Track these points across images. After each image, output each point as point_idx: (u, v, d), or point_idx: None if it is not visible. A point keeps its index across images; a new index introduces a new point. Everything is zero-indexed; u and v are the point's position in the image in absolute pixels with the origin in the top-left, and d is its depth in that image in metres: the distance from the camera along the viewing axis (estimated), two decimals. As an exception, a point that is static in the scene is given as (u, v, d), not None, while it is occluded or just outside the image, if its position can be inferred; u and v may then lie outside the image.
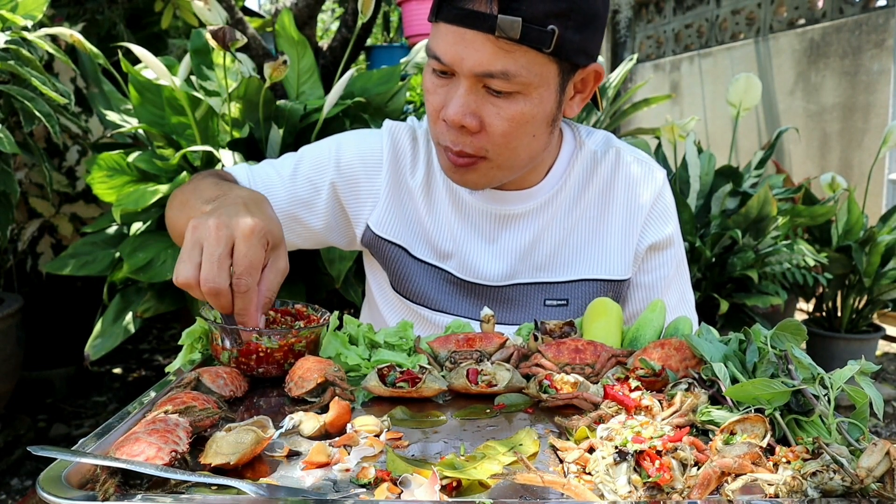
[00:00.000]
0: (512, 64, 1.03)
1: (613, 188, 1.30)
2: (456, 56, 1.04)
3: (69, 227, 3.22)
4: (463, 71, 1.05)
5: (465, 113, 1.07)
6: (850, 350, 3.53)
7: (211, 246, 0.88)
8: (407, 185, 1.30)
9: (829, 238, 3.55)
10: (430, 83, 1.12)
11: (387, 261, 1.32)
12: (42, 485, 0.62)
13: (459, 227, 1.29)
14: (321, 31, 7.67)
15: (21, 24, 2.20)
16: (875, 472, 0.62)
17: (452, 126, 1.09)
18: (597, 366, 0.97)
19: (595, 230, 1.30)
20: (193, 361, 1.04)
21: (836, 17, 5.06)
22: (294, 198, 1.28)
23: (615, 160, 1.31)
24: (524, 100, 1.07)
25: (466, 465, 0.67)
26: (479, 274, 1.29)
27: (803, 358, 0.84)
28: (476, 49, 1.03)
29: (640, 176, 1.31)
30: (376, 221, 1.30)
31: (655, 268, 1.33)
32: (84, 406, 3.43)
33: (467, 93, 1.07)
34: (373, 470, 0.67)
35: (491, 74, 1.04)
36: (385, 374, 0.91)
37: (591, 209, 1.30)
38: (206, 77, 2.51)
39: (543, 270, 1.29)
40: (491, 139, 1.10)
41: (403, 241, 1.30)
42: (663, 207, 1.32)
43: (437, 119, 1.13)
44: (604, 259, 1.29)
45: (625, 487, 0.64)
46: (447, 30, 1.05)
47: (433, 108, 1.12)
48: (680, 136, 3.56)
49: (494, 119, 1.08)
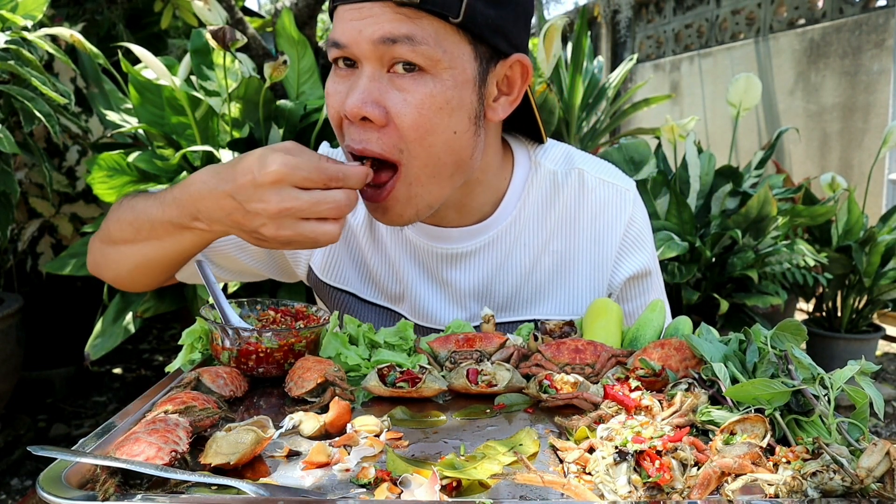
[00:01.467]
0: (417, 29, 0.91)
1: (579, 216, 1.17)
2: (353, 31, 0.92)
3: (69, 227, 3.22)
4: (362, 46, 0.92)
5: (366, 101, 0.93)
6: (850, 350, 3.54)
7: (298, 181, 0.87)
8: (348, 225, 1.17)
9: (829, 238, 3.55)
10: (329, 86, 0.99)
11: (335, 306, 1.21)
12: (42, 485, 0.62)
13: (407, 268, 1.16)
14: (321, 31, 7.66)
15: (21, 24, 2.20)
16: (875, 472, 0.62)
17: (354, 118, 0.94)
18: (597, 366, 0.97)
19: (560, 263, 1.17)
20: (193, 361, 1.04)
21: (836, 17, 5.06)
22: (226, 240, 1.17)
23: (579, 184, 1.17)
24: (432, 80, 0.94)
25: (466, 465, 0.67)
26: (434, 319, 1.17)
27: (803, 358, 0.84)
28: (376, 18, 0.91)
29: (608, 200, 1.17)
30: (319, 265, 1.19)
31: (634, 297, 1.23)
32: (84, 406, 3.43)
33: (369, 80, 0.94)
34: (373, 470, 0.67)
35: (393, 39, 0.90)
36: (385, 374, 0.91)
37: (555, 240, 1.17)
38: (206, 77, 2.52)
39: (506, 310, 1.17)
40: (401, 133, 0.94)
41: (350, 286, 1.19)
42: (636, 232, 1.19)
43: (339, 123, 1.00)
44: (572, 295, 1.17)
45: (625, 487, 0.64)
46: (344, 10, 0.94)
47: (333, 111, 0.99)
48: (680, 136, 3.57)
49: (401, 107, 0.93)
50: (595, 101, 4.35)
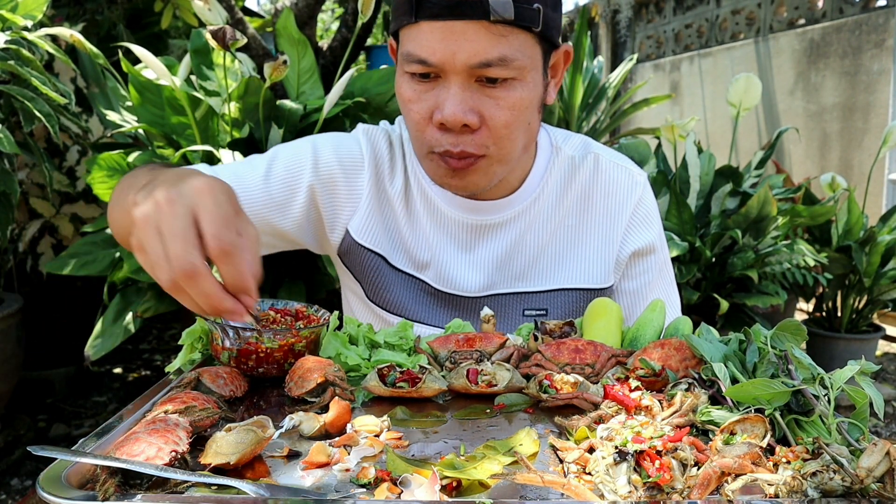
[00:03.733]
0: (507, 48, 1.00)
1: (593, 194, 1.27)
2: (447, 52, 0.99)
3: (69, 227, 3.22)
4: (455, 66, 1.00)
5: (466, 110, 1.02)
6: (850, 350, 3.53)
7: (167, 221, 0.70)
8: (386, 192, 1.25)
9: (829, 238, 3.55)
10: (410, 92, 1.06)
11: (364, 269, 1.27)
12: (42, 485, 0.62)
13: (436, 237, 1.25)
14: (321, 31, 7.67)
15: (21, 24, 2.20)
16: (875, 472, 0.62)
17: (453, 127, 1.04)
18: (597, 366, 0.97)
19: (574, 238, 1.27)
20: (193, 361, 1.04)
21: (836, 17, 5.06)
22: (268, 200, 1.20)
23: (594, 166, 1.27)
24: (521, 85, 1.04)
25: (466, 465, 0.67)
26: (456, 285, 1.25)
27: (803, 358, 0.84)
28: (469, 39, 0.98)
29: (620, 181, 1.28)
30: (356, 228, 1.25)
31: (639, 273, 1.30)
32: (84, 406, 3.43)
33: (462, 89, 1.02)
34: (373, 470, 0.67)
35: (488, 63, 0.99)
36: (385, 374, 0.91)
37: (570, 216, 1.27)
38: (206, 77, 2.51)
39: (522, 280, 1.26)
40: (493, 133, 1.06)
41: (382, 249, 1.25)
42: (645, 212, 1.29)
43: (425, 126, 1.08)
44: (584, 267, 1.26)
45: (625, 487, 0.64)
46: (431, 27, 0.99)
47: (420, 116, 1.07)
48: (680, 136, 3.57)
49: (495, 111, 1.04)
50: (595, 101, 4.35)
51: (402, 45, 1.06)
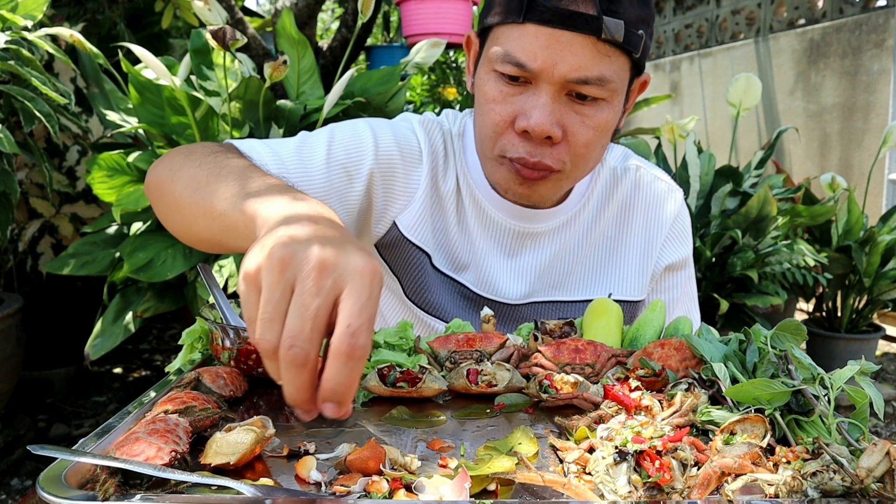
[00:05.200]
0: (608, 69, 0.99)
1: (633, 207, 1.27)
2: (548, 60, 0.97)
3: (69, 227, 3.22)
4: (553, 77, 0.98)
5: (553, 122, 1.00)
6: (850, 350, 3.53)
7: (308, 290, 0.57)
8: (439, 189, 1.21)
9: (829, 238, 3.55)
10: (495, 91, 1.03)
11: (406, 265, 1.23)
12: (42, 485, 0.62)
13: (481, 240, 1.23)
14: (321, 31, 7.67)
15: (21, 24, 2.20)
16: (875, 473, 0.62)
17: (537, 136, 1.02)
18: (597, 366, 0.97)
19: (613, 249, 1.27)
20: (193, 361, 1.04)
21: (836, 17, 5.06)
22: (329, 188, 1.10)
23: (636, 178, 1.27)
24: (608, 107, 1.03)
25: (475, 466, 0.67)
26: (496, 291, 1.24)
27: (803, 358, 0.84)
28: (574, 52, 0.96)
29: (660, 194, 1.28)
30: (406, 221, 1.19)
31: (669, 288, 1.31)
32: (84, 406, 3.43)
33: (552, 100, 1.00)
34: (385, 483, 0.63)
35: (587, 80, 0.98)
36: (385, 374, 0.91)
37: (610, 228, 1.26)
38: (206, 77, 2.51)
39: (559, 289, 1.25)
40: (572, 150, 1.04)
41: (428, 247, 1.22)
42: (681, 227, 1.30)
43: (504, 130, 1.05)
44: (621, 279, 1.26)
45: (625, 487, 0.64)
46: (538, 31, 0.96)
47: (501, 118, 1.04)
48: (680, 136, 3.57)
49: (579, 128, 1.02)
50: (595, 101, 4.34)
51: (498, 42, 1.01)
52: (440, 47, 2.67)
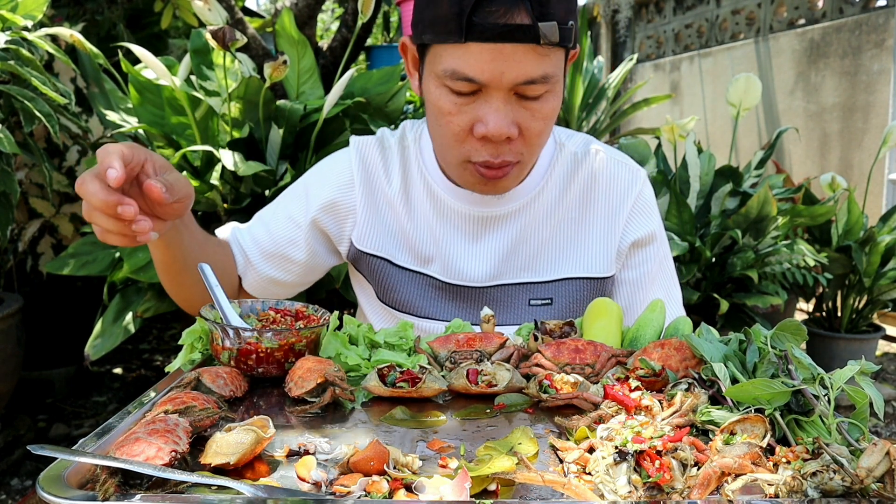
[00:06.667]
0: (549, 66, 1.06)
1: (594, 188, 1.32)
2: (495, 72, 1.03)
3: (69, 227, 3.21)
4: (501, 84, 1.05)
5: (509, 124, 1.07)
6: (850, 350, 3.53)
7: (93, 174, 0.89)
8: (384, 195, 1.31)
9: (829, 238, 3.55)
10: (449, 105, 1.09)
11: (371, 273, 1.33)
12: (42, 485, 0.62)
13: (441, 230, 1.29)
14: (321, 31, 7.67)
15: (21, 24, 2.20)
16: (875, 472, 0.62)
17: (497, 139, 1.09)
18: (597, 366, 0.97)
19: (577, 230, 1.31)
20: (193, 361, 1.04)
21: (836, 17, 5.06)
22: (278, 238, 1.31)
23: (595, 162, 1.32)
24: (552, 97, 1.10)
25: (476, 467, 0.67)
26: (462, 276, 1.29)
27: (803, 358, 0.84)
28: (517, 61, 1.03)
29: (620, 176, 1.33)
30: (358, 237, 1.31)
31: (639, 264, 1.34)
32: (84, 406, 3.43)
33: (504, 104, 1.07)
34: (385, 483, 0.64)
35: (532, 81, 1.05)
36: (385, 374, 0.91)
37: (573, 210, 1.31)
38: (206, 77, 2.51)
39: (527, 270, 1.30)
40: (527, 141, 1.12)
41: (385, 251, 1.31)
42: (644, 204, 1.33)
43: (464, 138, 1.12)
44: (586, 257, 1.31)
45: (625, 487, 0.64)
46: (480, 48, 1.02)
47: (459, 128, 1.10)
48: (680, 136, 3.56)
49: (531, 122, 1.09)
50: (595, 101, 4.35)
51: (441, 60, 1.07)
52: (440, 47, 2.67)
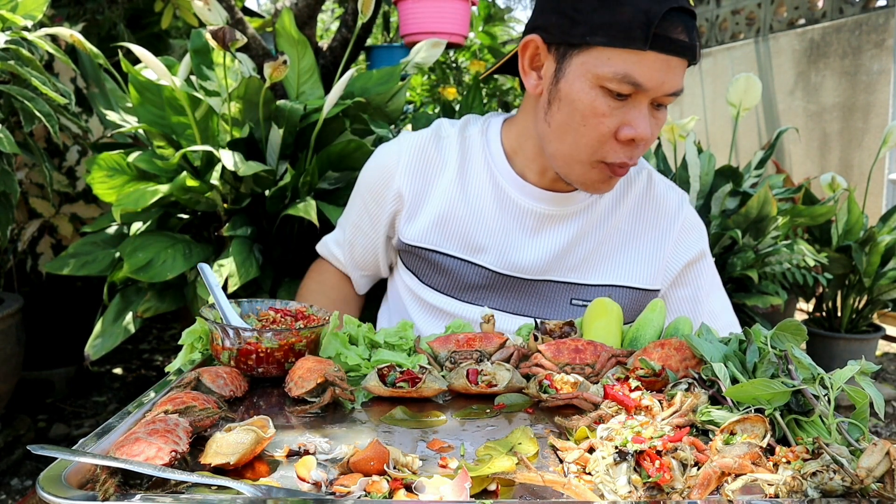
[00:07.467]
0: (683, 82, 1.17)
1: (646, 206, 1.40)
2: (659, 81, 1.12)
3: (69, 227, 3.21)
4: (657, 93, 1.13)
5: (652, 129, 1.16)
6: (850, 350, 3.53)
7: None
8: (436, 185, 1.36)
9: (829, 238, 3.54)
10: (604, 106, 1.14)
11: (423, 263, 1.38)
12: (42, 485, 0.62)
13: (500, 221, 1.34)
14: (321, 31, 7.66)
15: (21, 24, 2.20)
16: (875, 472, 0.62)
17: (640, 142, 1.17)
18: (597, 366, 0.97)
19: (626, 241, 1.38)
20: (193, 361, 1.04)
21: (836, 17, 5.06)
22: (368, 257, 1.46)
23: (647, 182, 1.41)
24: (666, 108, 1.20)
25: (476, 467, 0.67)
26: (516, 266, 1.34)
27: (803, 358, 0.84)
28: (676, 74, 1.13)
29: (669, 198, 1.42)
30: (403, 228, 1.37)
31: (693, 279, 1.41)
32: (84, 406, 3.43)
33: (649, 111, 1.16)
34: (385, 483, 0.64)
35: (676, 93, 1.15)
36: (385, 374, 0.91)
37: (624, 221, 1.38)
38: (206, 77, 2.51)
39: (575, 271, 1.36)
40: (645, 146, 1.21)
41: (434, 243, 1.36)
42: (691, 225, 1.42)
43: (608, 139, 1.17)
44: (632, 268, 1.37)
45: (625, 487, 0.64)
46: (657, 58, 1.10)
47: (607, 129, 1.16)
48: (680, 136, 3.56)
49: (656, 130, 1.19)
50: (595, 101, 4.32)
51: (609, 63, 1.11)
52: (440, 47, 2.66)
